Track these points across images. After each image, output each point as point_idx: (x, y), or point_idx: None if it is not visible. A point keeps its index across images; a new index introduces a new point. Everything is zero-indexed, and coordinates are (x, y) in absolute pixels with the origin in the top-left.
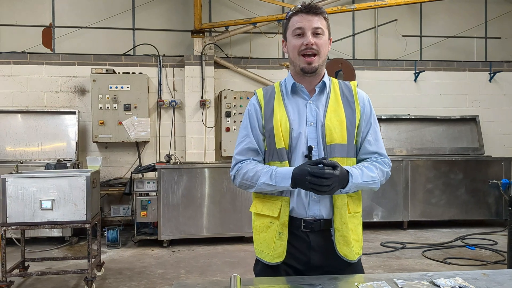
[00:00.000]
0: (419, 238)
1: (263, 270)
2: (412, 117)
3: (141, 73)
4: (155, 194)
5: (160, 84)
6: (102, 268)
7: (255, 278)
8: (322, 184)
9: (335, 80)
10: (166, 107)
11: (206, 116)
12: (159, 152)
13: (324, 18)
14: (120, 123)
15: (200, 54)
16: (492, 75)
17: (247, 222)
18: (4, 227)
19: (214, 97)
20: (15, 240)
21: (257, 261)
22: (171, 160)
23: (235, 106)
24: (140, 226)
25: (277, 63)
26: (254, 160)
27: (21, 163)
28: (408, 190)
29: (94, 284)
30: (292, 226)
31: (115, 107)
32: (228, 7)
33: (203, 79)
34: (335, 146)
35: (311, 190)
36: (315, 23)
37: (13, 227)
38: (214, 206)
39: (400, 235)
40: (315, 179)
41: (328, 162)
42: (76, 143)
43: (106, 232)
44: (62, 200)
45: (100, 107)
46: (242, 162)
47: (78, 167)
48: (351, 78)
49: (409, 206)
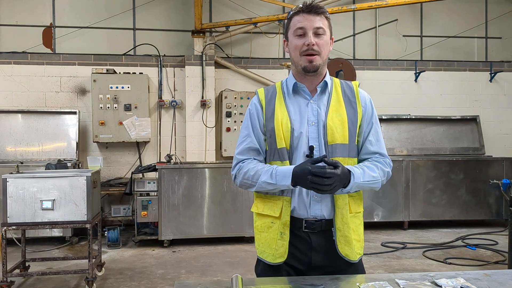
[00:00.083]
0: (420, 238)
1: (264, 270)
2: (413, 117)
3: (141, 73)
4: (156, 194)
5: (160, 84)
6: (103, 268)
7: (257, 278)
8: (324, 183)
9: (336, 80)
10: (166, 107)
11: (206, 116)
12: (160, 152)
13: (326, 18)
14: (121, 123)
15: (200, 54)
16: (492, 75)
17: (248, 222)
18: (5, 227)
19: (215, 97)
20: (16, 240)
21: (258, 261)
22: (172, 160)
23: (235, 106)
24: (140, 226)
25: (277, 63)
26: (255, 160)
27: (21, 163)
28: (408, 190)
29: (94, 284)
30: (293, 226)
31: (115, 107)
32: (229, 7)
33: (203, 79)
34: (337, 146)
35: (312, 189)
36: (317, 23)
37: (13, 227)
38: (214, 206)
39: (400, 235)
40: (316, 178)
41: (330, 161)
42: (77, 143)
43: (106, 232)
44: (62, 200)
45: (101, 107)
46: (243, 161)
47: (79, 167)
48: (351, 78)
49: (409, 206)
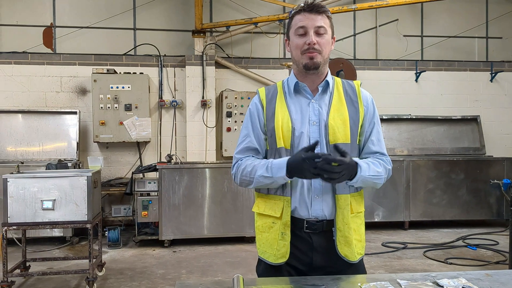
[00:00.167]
0: (420, 238)
1: (265, 270)
2: (413, 117)
3: (142, 73)
4: (156, 194)
5: (161, 84)
6: (103, 268)
7: (258, 279)
8: (333, 170)
9: (338, 80)
10: (167, 107)
11: (207, 116)
12: (160, 152)
13: (327, 17)
14: (121, 123)
15: (201, 54)
16: (493, 75)
17: (248, 222)
18: (5, 227)
19: (215, 97)
20: (16, 240)
21: (259, 261)
22: (172, 160)
23: (236, 106)
24: (141, 226)
25: (278, 63)
26: (254, 157)
27: (22, 163)
28: (409, 190)
29: (95, 284)
30: (294, 227)
31: (116, 107)
32: (229, 7)
33: (204, 79)
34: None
35: (319, 177)
36: (318, 21)
37: (14, 227)
38: (215, 206)
39: (401, 235)
40: (327, 165)
41: (341, 149)
42: (77, 143)
43: (107, 232)
44: (63, 200)
45: (101, 107)
46: (241, 160)
47: (79, 167)
48: (352, 78)
49: (410, 206)
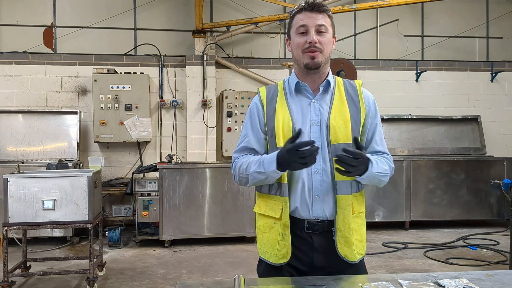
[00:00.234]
0: (421, 238)
1: (266, 271)
2: (414, 117)
3: (142, 73)
4: (157, 194)
5: (161, 84)
6: (104, 268)
7: (259, 279)
8: (351, 163)
9: (339, 79)
10: (167, 107)
11: (207, 116)
12: (161, 152)
13: (328, 16)
14: (122, 123)
15: (201, 54)
16: (493, 75)
17: (249, 222)
18: (6, 227)
19: (216, 97)
20: (17, 240)
21: (260, 261)
22: (173, 160)
23: (236, 106)
24: (141, 226)
25: (278, 63)
26: (251, 155)
27: (22, 163)
28: (409, 190)
29: (96, 284)
30: (295, 227)
31: (116, 107)
32: (230, 7)
33: (204, 79)
34: (340, 145)
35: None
36: (319, 20)
37: (14, 227)
38: (215, 206)
39: (401, 235)
40: (346, 157)
41: (360, 144)
42: (78, 143)
43: (107, 232)
44: (63, 200)
45: (102, 107)
46: (238, 158)
47: (80, 167)
48: (352, 78)
49: (410, 206)
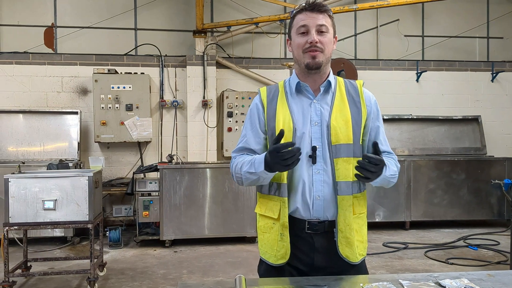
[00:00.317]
0: (422, 238)
1: (267, 271)
2: (414, 117)
3: (143, 73)
4: (157, 194)
5: (162, 84)
6: (104, 268)
7: (260, 279)
8: (371, 170)
9: (340, 79)
10: (168, 107)
11: (208, 116)
12: (161, 152)
13: (329, 16)
14: (122, 123)
15: (202, 54)
16: (494, 75)
17: (249, 222)
18: (7, 227)
19: (216, 97)
20: (17, 240)
21: (261, 261)
22: (173, 160)
23: (237, 106)
24: (142, 226)
25: (279, 63)
26: (248, 155)
27: (23, 163)
28: (410, 190)
29: (96, 284)
30: (296, 227)
31: (117, 107)
32: (230, 7)
33: (205, 79)
34: (341, 146)
35: (357, 176)
36: (320, 20)
37: (15, 227)
38: (216, 206)
39: (402, 235)
40: (368, 164)
41: (379, 149)
42: (78, 143)
43: (108, 232)
44: (64, 200)
45: (102, 107)
46: (235, 158)
47: (80, 167)
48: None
49: (411, 206)
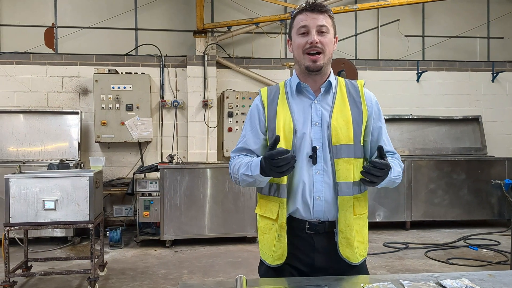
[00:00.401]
0: (422, 238)
1: (267, 272)
2: (415, 117)
3: (143, 73)
4: (158, 194)
5: (162, 84)
6: (105, 268)
7: (261, 279)
8: (377, 174)
9: (341, 80)
10: (168, 107)
11: (208, 116)
12: (162, 152)
13: (330, 17)
14: (123, 123)
15: (202, 54)
16: (494, 75)
17: (250, 222)
18: (8, 227)
19: (216, 97)
20: (18, 240)
21: (261, 262)
22: (174, 160)
23: (237, 106)
24: (142, 226)
25: (279, 63)
26: (247, 156)
27: (23, 163)
28: (410, 190)
29: (97, 284)
30: (296, 228)
31: (117, 107)
32: (231, 7)
33: (205, 79)
34: (341, 146)
35: (362, 181)
36: (320, 21)
37: (16, 227)
38: (216, 206)
39: (402, 235)
40: (374, 169)
41: (383, 153)
42: (79, 143)
43: (108, 232)
44: (65, 200)
45: (103, 107)
46: (233, 158)
47: (81, 167)
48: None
49: (411, 206)
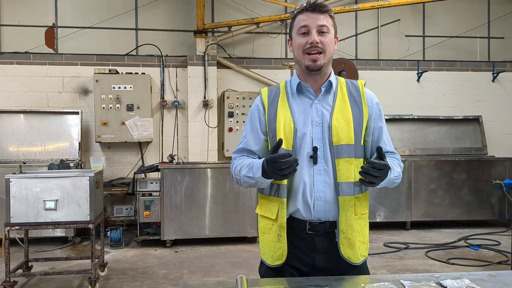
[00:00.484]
0: (422, 238)
1: (267, 272)
2: (415, 117)
3: (144, 73)
4: (158, 194)
5: (163, 84)
6: (106, 268)
7: (261, 279)
8: (375, 175)
9: (342, 79)
10: (168, 107)
11: (208, 116)
12: (162, 152)
13: (330, 16)
14: (123, 123)
15: (202, 54)
16: (495, 75)
17: (250, 222)
18: (8, 227)
19: (217, 97)
20: (19, 240)
21: (261, 262)
22: (174, 160)
23: (237, 106)
24: (143, 226)
25: (280, 63)
26: (248, 157)
27: (24, 163)
28: (411, 190)
29: (97, 284)
30: (297, 228)
31: (118, 107)
32: (231, 7)
33: (205, 79)
34: (342, 146)
35: (361, 181)
36: (321, 21)
37: (16, 227)
38: (217, 206)
39: (403, 235)
40: (372, 170)
41: (383, 154)
42: (79, 143)
43: (109, 232)
44: (65, 200)
45: (103, 107)
46: (235, 159)
47: (81, 167)
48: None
49: (412, 206)
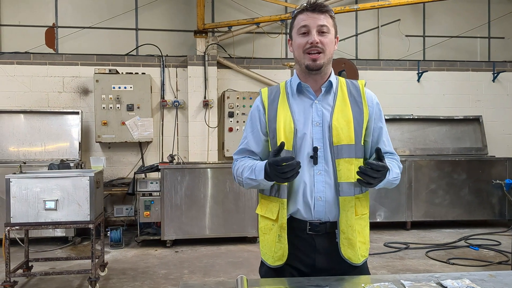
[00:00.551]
0: (423, 238)
1: (267, 272)
2: (415, 117)
3: (144, 73)
4: (158, 194)
5: (163, 84)
6: (106, 268)
7: (262, 279)
8: (373, 176)
9: (342, 80)
10: (169, 107)
11: (209, 116)
12: (162, 152)
13: (330, 16)
14: (123, 123)
15: (203, 54)
16: (495, 75)
17: (250, 222)
18: (8, 227)
19: (217, 97)
20: (19, 240)
21: (262, 263)
22: (174, 160)
23: (238, 106)
24: (143, 226)
25: (280, 63)
26: (250, 158)
27: (24, 163)
28: (411, 190)
29: (97, 284)
30: (297, 228)
31: (118, 107)
32: (231, 7)
33: (206, 79)
34: (343, 146)
35: (359, 181)
36: (321, 21)
37: (17, 227)
38: (217, 206)
39: (403, 235)
40: (370, 170)
41: (382, 155)
42: (79, 143)
43: (109, 232)
44: (65, 200)
45: (103, 107)
46: (237, 160)
47: (82, 167)
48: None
49: (412, 206)
